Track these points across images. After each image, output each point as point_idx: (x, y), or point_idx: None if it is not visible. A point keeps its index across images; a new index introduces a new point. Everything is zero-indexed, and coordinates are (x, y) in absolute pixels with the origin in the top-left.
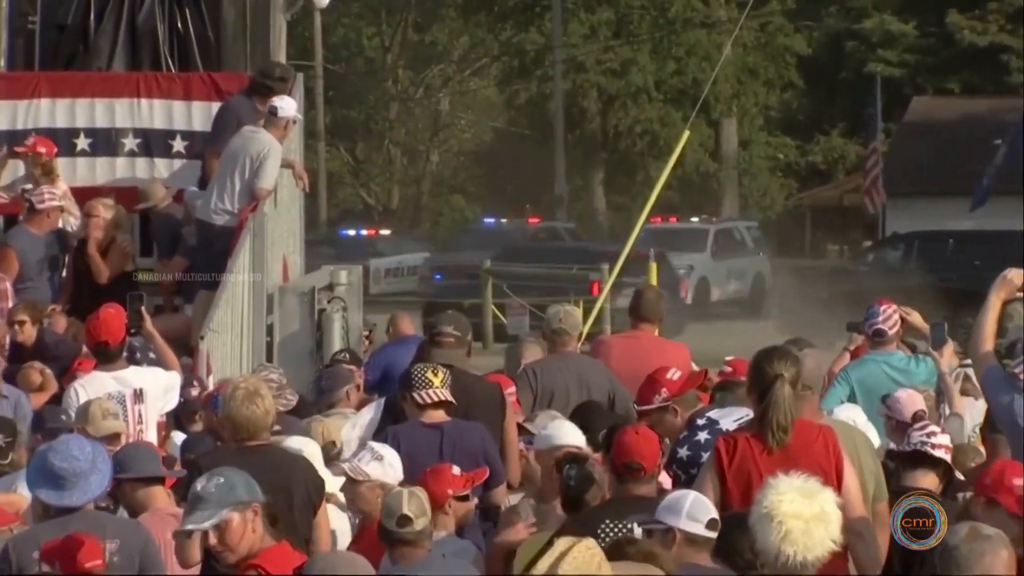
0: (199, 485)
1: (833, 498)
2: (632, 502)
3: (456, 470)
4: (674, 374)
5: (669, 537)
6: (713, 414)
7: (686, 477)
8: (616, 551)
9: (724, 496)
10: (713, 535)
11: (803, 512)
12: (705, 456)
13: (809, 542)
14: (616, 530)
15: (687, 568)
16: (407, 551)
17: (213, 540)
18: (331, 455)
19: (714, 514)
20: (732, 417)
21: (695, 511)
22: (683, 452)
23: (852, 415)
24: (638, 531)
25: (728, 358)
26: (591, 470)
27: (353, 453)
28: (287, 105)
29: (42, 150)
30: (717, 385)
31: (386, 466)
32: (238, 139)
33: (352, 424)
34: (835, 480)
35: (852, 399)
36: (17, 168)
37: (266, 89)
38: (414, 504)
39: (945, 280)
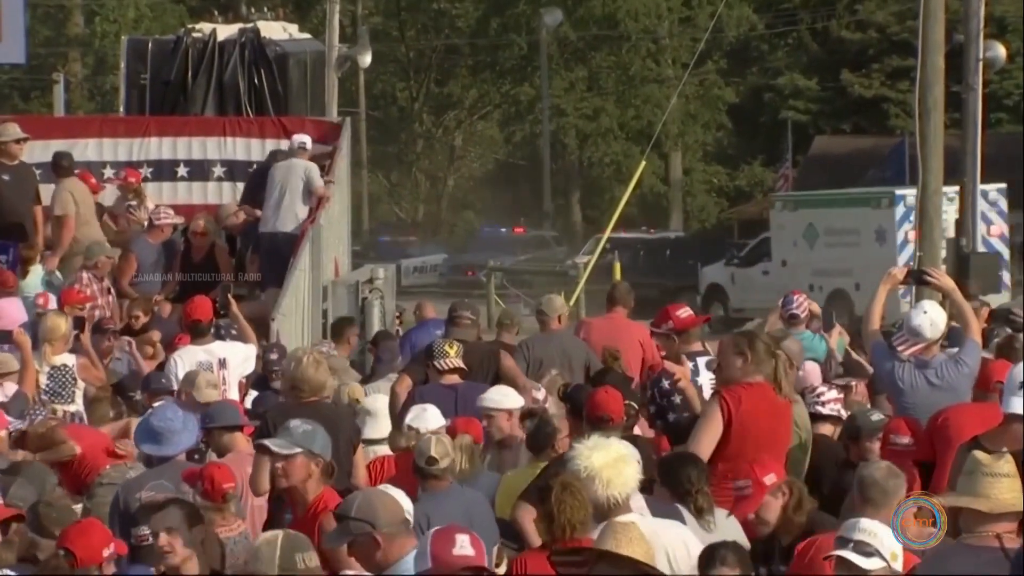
0: (293, 422)
1: (623, 444)
2: None
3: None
4: (683, 312)
5: None
6: (700, 359)
7: (663, 401)
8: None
9: (724, 437)
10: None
11: (608, 459)
12: (676, 397)
13: (623, 480)
14: None
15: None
16: (434, 483)
17: (278, 464)
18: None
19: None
20: (707, 374)
21: None
22: (665, 384)
23: None
24: None
25: None
26: (547, 420)
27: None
28: (305, 139)
29: (132, 180)
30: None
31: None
32: (280, 171)
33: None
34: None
35: None
36: (114, 193)
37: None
38: (440, 448)
39: (664, 277)
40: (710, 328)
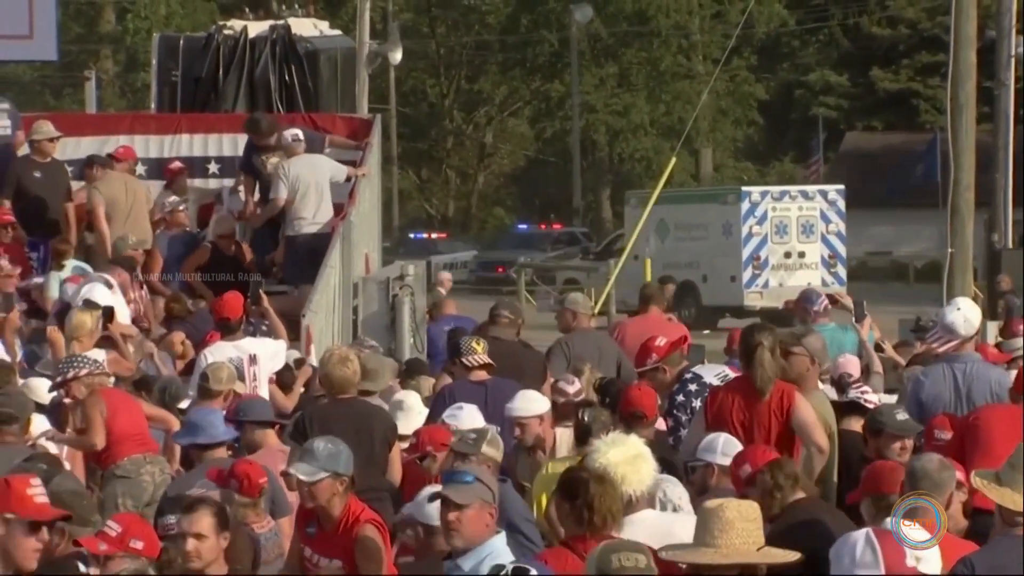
0: (316, 442)
1: (640, 441)
2: None
3: None
4: (660, 341)
5: (708, 471)
6: (698, 369)
7: (684, 417)
8: None
9: (710, 430)
10: None
11: (625, 456)
12: (696, 400)
13: (640, 477)
14: None
15: (723, 491)
16: None
17: (305, 489)
18: None
19: (740, 448)
20: (713, 372)
21: (727, 448)
22: (680, 398)
23: None
24: None
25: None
26: (600, 413)
27: None
28: (298, 132)
29: (176, 173)
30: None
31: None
32: (303, 168)
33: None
34: (784, 415)
35: None
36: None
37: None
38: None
39: None
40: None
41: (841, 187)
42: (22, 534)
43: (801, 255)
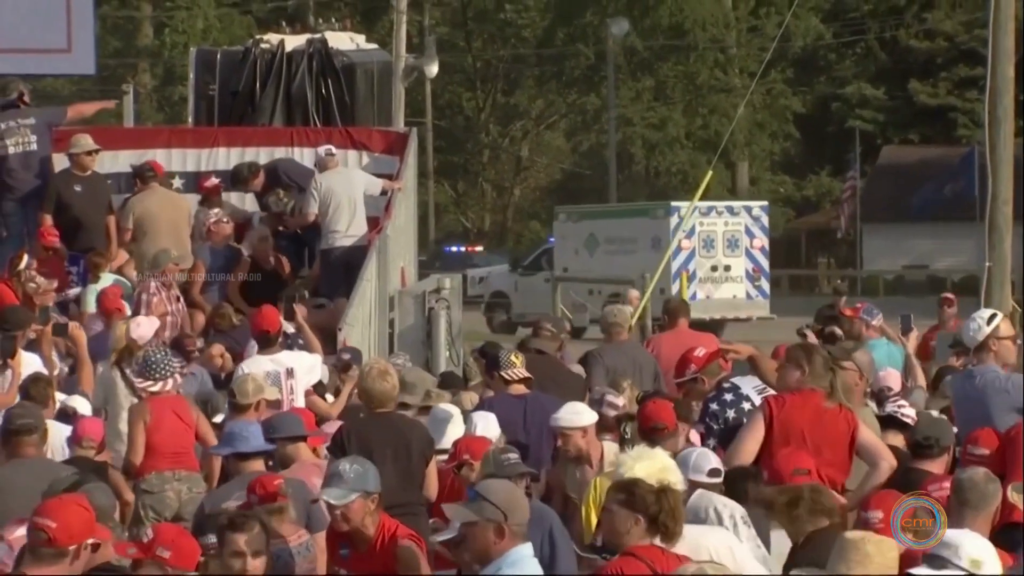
0: (342, 464)
1: (665, 454)
2: None
3: None
4: (699, 352)
5: None
6: (735, 380)
7: (716, 427)
8: None
9: (766, 439)
10: (715, 480)
11: (651, 469)
12: (730, 411)
13: None
14: None
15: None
16: None
17: (337, 513)
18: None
19: (715, 464)
20: (750, 384)
21: (699, 463)
22: (714, 406)
23: None
24: None
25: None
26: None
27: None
28: (330, 147)
29: (210, 190)
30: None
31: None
32: (337, 183)
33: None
34: (849, 435)
35: None
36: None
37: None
38: None
39: None
40: (493, 331)
41: (765, 203)
42: (89, 557)
43: (727, 268)
